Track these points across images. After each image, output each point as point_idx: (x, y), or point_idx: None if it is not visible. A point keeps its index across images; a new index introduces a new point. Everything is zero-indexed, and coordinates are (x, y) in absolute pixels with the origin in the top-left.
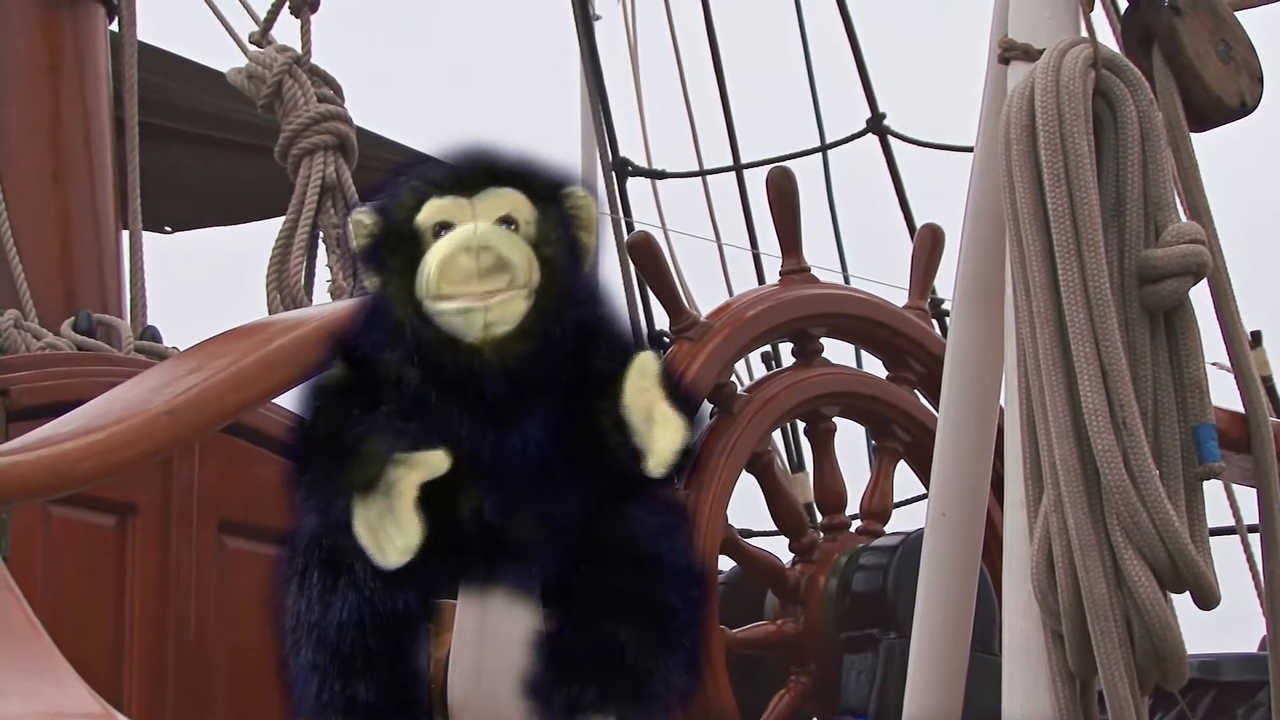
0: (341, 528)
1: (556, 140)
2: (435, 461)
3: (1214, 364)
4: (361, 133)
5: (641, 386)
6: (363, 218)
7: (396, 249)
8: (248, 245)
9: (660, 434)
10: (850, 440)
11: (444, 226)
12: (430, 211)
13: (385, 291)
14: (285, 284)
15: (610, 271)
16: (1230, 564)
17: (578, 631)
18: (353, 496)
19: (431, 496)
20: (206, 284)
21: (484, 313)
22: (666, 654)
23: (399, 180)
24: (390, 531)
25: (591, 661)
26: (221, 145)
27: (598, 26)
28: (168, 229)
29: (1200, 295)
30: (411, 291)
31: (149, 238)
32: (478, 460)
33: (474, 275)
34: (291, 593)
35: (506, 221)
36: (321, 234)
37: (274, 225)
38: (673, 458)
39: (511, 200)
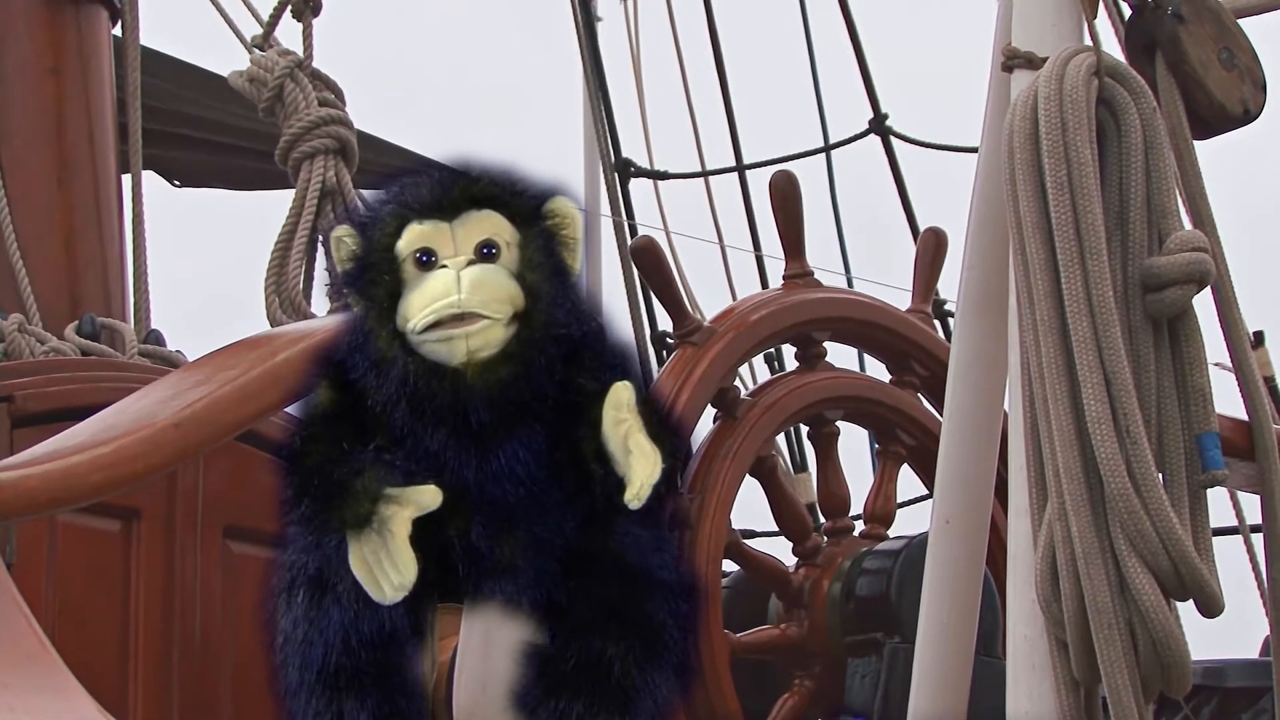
0: (336, 561)
1: (559, 141)
2: (427, 497)
3: (1216, 364)
4: (362, 136)
5: (617, 418)
6: (345, 238)
7: (377, 279)
8: (248, 245)
9: (637, 467)
10: (854, 444)
11: (424, 253)
12: (411, 238)
13: (367, 322)
14: (284, 288)
15: (613, 274)
16: (1233, 567)
17: (566, 645)
18: (346, 533)
19: (420, 518)
20: (209, 287)
21: (465, 339)
22: (654, 669)
23: (382, 197)
24: (386, 569)
25: (579, 675)
26: (223, 150)
27: (600, 28)
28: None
29: (1202, 297)
30: (393, 323)
31: (151, 233)
32: (464, 484)
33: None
34: (279, 609)
35: (488, 246)
36: (321, 238)
37: (277, 220)
38: (649, 491)
39: (492, 224)
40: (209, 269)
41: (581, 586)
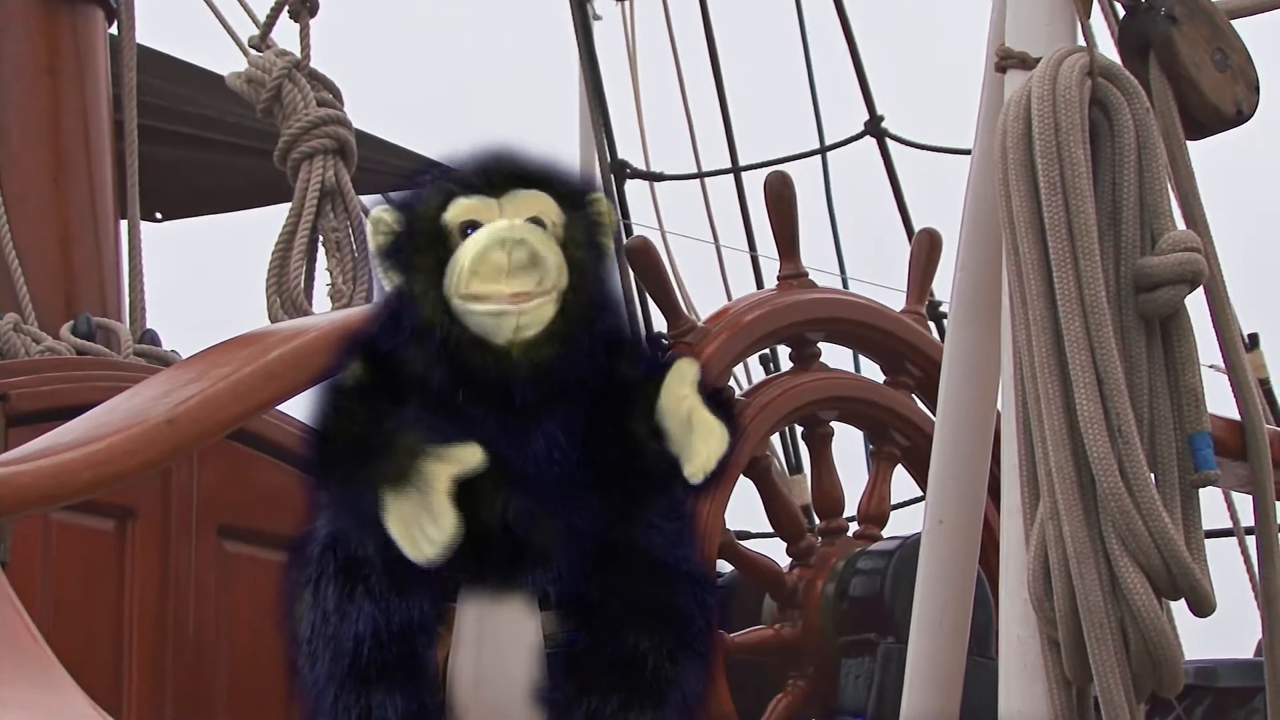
0: (372, 523)
1: (555, 142)
2: (469, 456)
3: (1211, 366)
4: (361, 135)
5: (680, 394)
6: (384, 215)
7: (423, 247)
8: (248, 247)
9: (702, 442)
10: (848, 444)
11: (471, 226)
12: (458, 210)
13: (411, 290)
14: (285, 288)
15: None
16: (1228, 568)
17: (598, 642)
18: (383, 491)
19: (454, 499)
20: (206, 287)
21: (516, 316)
22: (685, 662)
23: (422, 180)
24: (425, 525)
25: (612, 671)
26: (220, 148)
27: (596, 28)
28: (158, 216)
29: (1197, 299)
30: (439, 290)
31: (146, 233)
32: (502, 463)
33: (505, 271)
34: (305, 603)
35: (535, 223)
36: (321, 238)
37: (275, 225)
38: (714, 465)
39: (540, 202)
40: (204, 282)
41: (611, 581)
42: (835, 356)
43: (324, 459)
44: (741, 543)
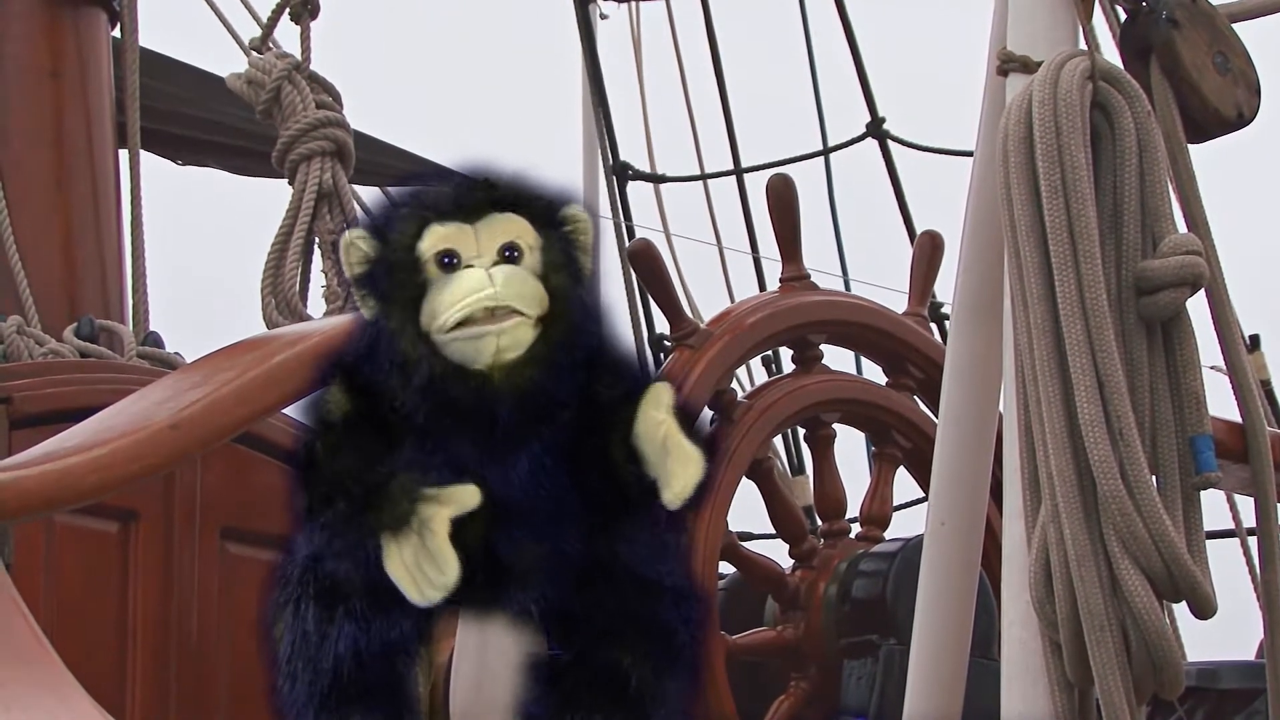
0: (371, 567)
1: (558, 144)
2: (467, 497)
3: (1213, 367)
4: (361, 137)
5: (657, 418)
6: (359, 242)
7: (399, 280)
8: (245, 247)
9: (679, 467)
10: (850, 446)
11: (447, 254)
12: (433, 239)
13: (389, 324)
14: (280, 289)
15: (611, 278)
16: (1229, 570)
17: (582, 657)
18: (383, 536)
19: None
20: (207, 289)
21: (496, 336)
22: (669, 676)
23: (397, 201)
24: (427, 570)
25: (596, 687)
26: (221, 150)
27: (601, 31)
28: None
29: (1198, 300)
30: (417, 325)
31: (149, 235)
32: (487, 489)
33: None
34: (285, 623)
35: (510, 249)
36: (317, 239)
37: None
38: (692, 491)
39: (515, 226)
40: (207, 256)
41: (595, 596)
42: (837, 358)
43: (313, 497)
44: (743, 544)
